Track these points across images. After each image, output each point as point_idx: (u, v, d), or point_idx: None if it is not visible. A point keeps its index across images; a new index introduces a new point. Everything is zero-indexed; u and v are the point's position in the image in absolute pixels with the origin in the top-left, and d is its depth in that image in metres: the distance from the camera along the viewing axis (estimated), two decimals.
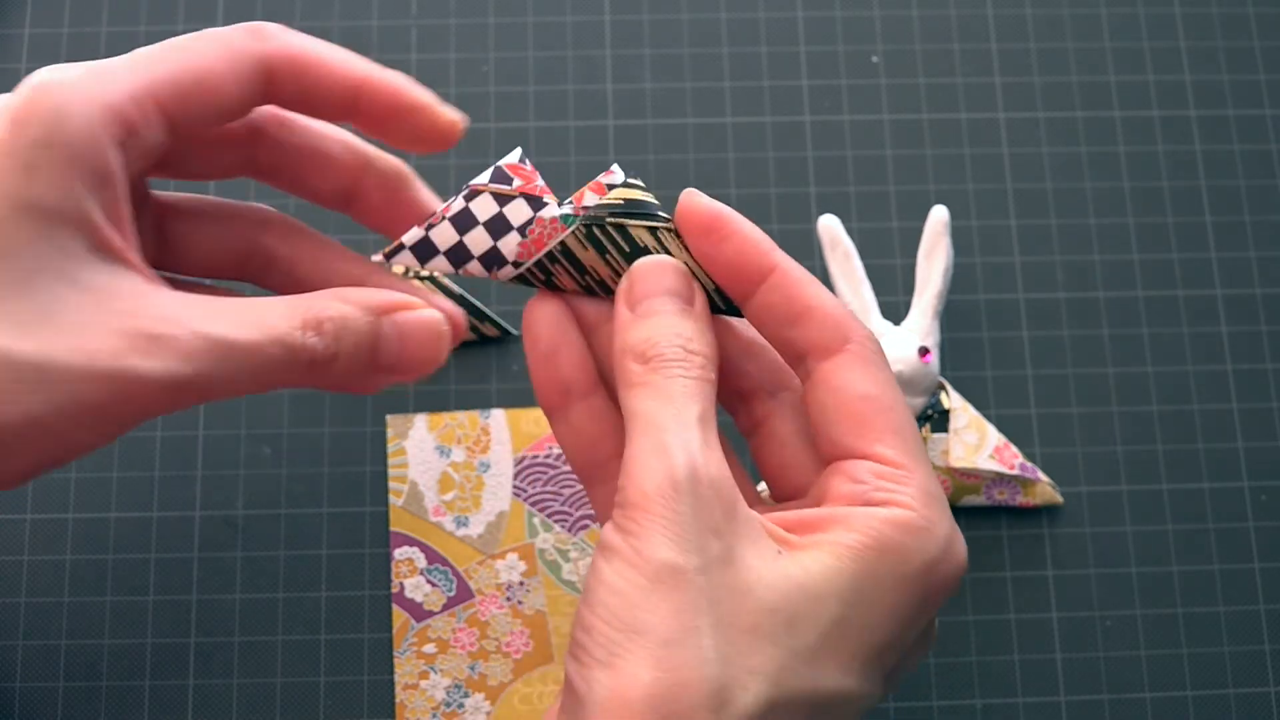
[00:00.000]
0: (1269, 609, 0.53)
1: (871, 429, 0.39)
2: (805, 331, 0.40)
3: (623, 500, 0.37)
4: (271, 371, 0.39)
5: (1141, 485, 0.54)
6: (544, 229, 0.41)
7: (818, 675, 0.36)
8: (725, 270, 0.40)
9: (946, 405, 0.53)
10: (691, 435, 0.37)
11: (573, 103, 0.58)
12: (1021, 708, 0.52)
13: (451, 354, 0.55)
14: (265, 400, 0.54)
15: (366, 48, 0.58)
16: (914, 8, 0.60)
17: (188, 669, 0.51)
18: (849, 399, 0.39)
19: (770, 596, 0.36)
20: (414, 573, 0.52)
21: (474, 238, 0.41)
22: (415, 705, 0.51)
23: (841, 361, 0.39)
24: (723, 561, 0.36)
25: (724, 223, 0.40)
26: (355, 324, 0.40)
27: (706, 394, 0.39)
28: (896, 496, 0.38)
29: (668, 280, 0.40)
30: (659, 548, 0.35)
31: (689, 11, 0.60)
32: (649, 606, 0.35)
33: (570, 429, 0.42)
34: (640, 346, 0.39)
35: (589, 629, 0.35)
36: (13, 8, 0.59)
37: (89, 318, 0.36)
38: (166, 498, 0.53)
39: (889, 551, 0.37)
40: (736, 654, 0.35)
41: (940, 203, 0.55)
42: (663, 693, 0.34)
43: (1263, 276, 0.57)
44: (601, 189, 0.41)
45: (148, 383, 0.36)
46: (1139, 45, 0.60)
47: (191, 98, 0.39)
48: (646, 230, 0.41)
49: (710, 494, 0.36)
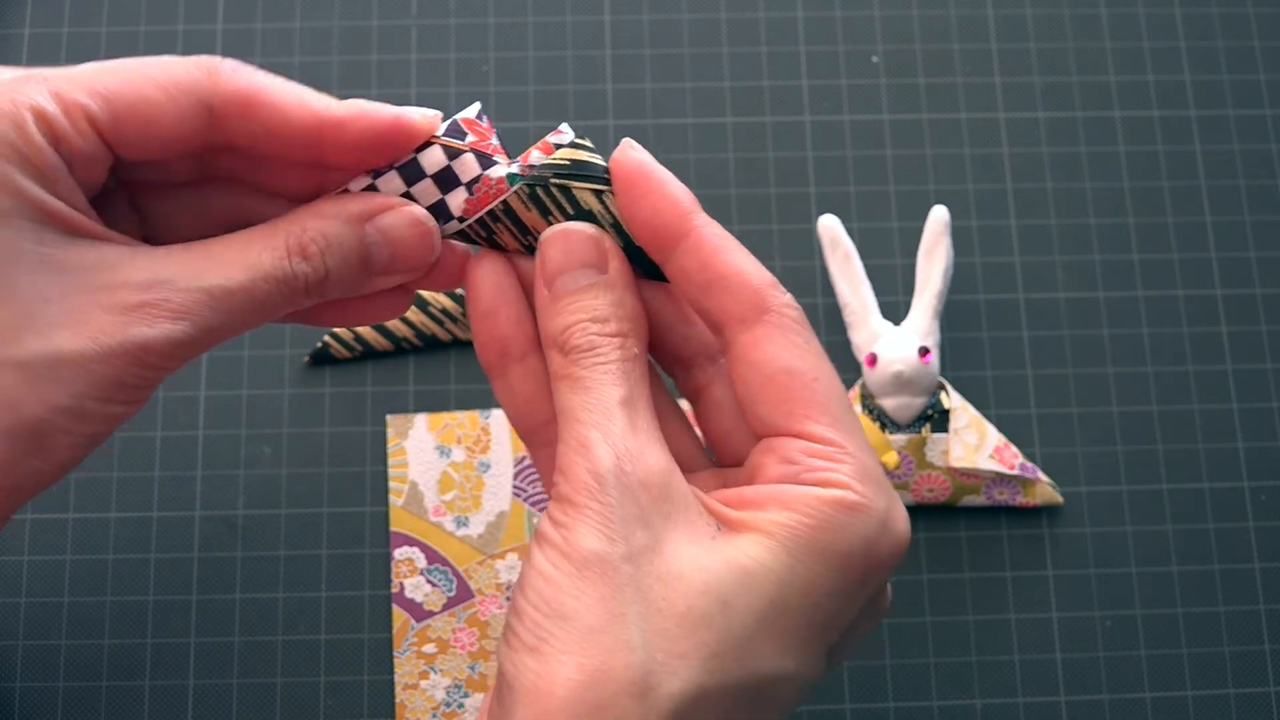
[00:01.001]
0: (1269, 609, 0.53)
1: (798, 405, 0.38)
2: (720, 300, 0.38)
3: (556, 494, 0.37)
4: (269, 305, 0.39)
5: (1141, 485, 0.54)
6: (490, 187, 0.40)
7: (754, 657, 0.35)
8: (643, 229, 0.39)
9: (946, 405, 0.53)
10: (613, 425, 0.37)
11: (573, 103, 0.58)
12: (1021, 708, 0.52)
13: (452, 354, 0.55)
14: (265, 400, 0.54)
15: (366, 48, 0.58)
16: (914, 8, 0.60)
17: (188, 669, 0.51)
18: (771, 373, 0.38)
19: (703, 580, 0.35)
20: (414, 573, 0.52)
21: (421, 190, 0.40)
22: (415, 705, 0.51)
23: (760, 333, 0.38)
24: (651, 550, 0.36)
25: (644, 179, 0.39)
26: (339, 238, 0.40)
27: (629, 371, 0.38)
28: (831, 475, 0.37)
29: (577, 249, 0.39)
30: (586, 538, 0.35)
31: (689, 11, 0.60)
32: (576, 593, 0.35)
33: (508, 389, 0.41)
34: (559, 338, 0.39)
35: (520, 614, 0.36)
36: (13, 8, 0.59)
37: (80, 300, 0.37)
38: (166, 498, 0.53)
39: (826, 531, 0.36)
40: (665, 640, 0.35)
41: (940, 203, 0.55)
42: (585, 679, 0.34)
43: (1263, 276, 0.57)
44: (549, 148, 0.40)
45: (156, 347, 0.37)
46: (1139, 45, 0.60)
47: (126, 119, 0.39)
48: (591, 193, 0.40)
49: (636, 483, 0.36)
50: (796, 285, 0.56)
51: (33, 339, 0.36)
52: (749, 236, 0.56)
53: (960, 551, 0.53)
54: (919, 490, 0.53)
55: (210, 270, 0.38)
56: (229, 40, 0.58)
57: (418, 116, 0.41)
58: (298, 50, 0.58)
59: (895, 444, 0.52)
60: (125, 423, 0.38)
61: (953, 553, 0.53)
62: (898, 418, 0.53)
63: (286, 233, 0.40)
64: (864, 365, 0.53)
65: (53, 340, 0.36)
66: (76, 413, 0.36)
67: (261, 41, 0.58)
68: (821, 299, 0.56)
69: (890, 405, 0.52)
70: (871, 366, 0.52)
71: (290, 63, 0.58)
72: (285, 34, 0.58)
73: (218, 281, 0.38)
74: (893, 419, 0.53)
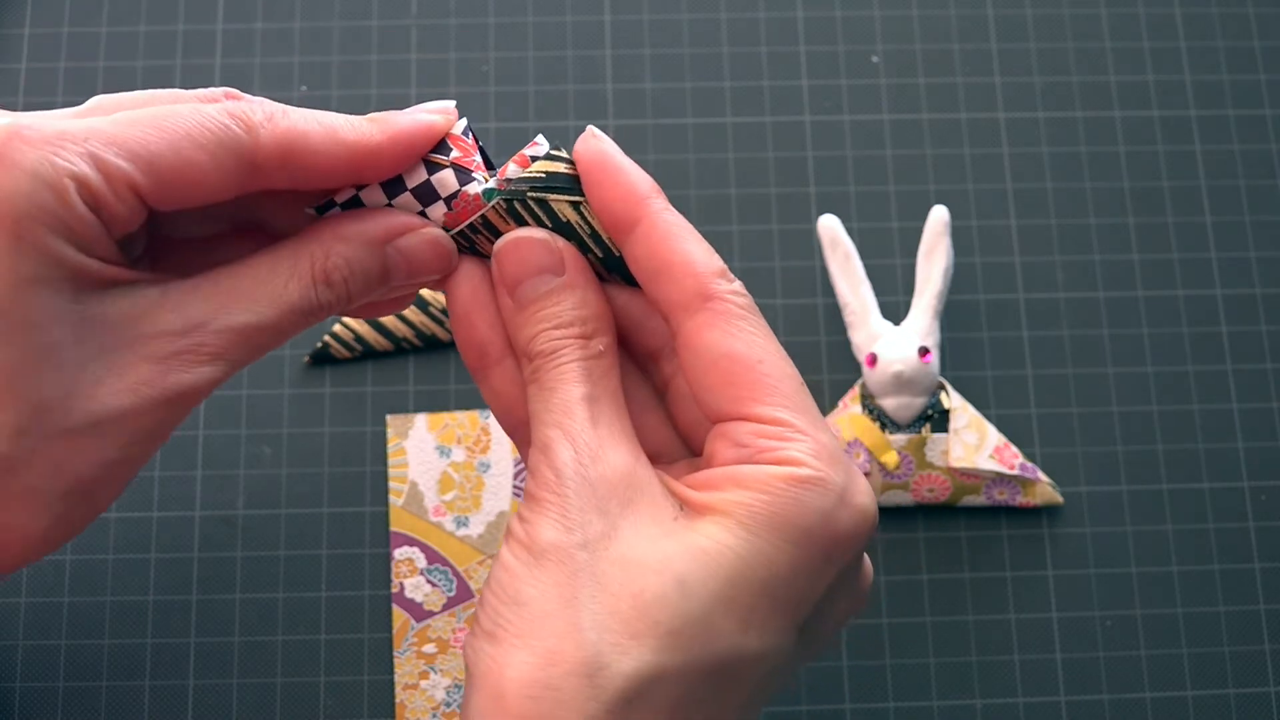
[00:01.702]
0: (1269, 609, 0.53)
1: (744, 389, 0.38)
2: (666, 289, 0.39)
3: (525, 493, 0.38)
4: (294, 331, 0.40)
5: (1141, 485, 0.54)
6: (468, 203, 0.40)
7: (714, 636, 0.36)
8: (604, 217, 0.40)
9: (946, 405, 0.53)
10: (573, 423, 0.38)
11: (573, 103, 0.58)
12: (1021, 708, 0.52)
13: (452, 354, 0.55)
14: (265, 400, 0.54)
15: (366, 48, 0.58)
16: (914, 8, 0.60)
17: (188, 669, 0.51)
18: (715, 360, 0.38)
19: (661, 563, 0.36)
20: (414, 573, 0.52)
21: (402, 202, 0.41)
22: (415, 705, 0.51)
23: (703, 320, 0.38)
24: (607, 536, 0.36)
25: (601, 166, 0.39)
26: (362, 264, 0.40)
27: (591, 369, 0.39)
28: (784, 453, 0.37)
29: (531, 256, 0.40)
30: (545, 529, 0.36)
31: (689, 11, 0.60)
32: (531, 580, 0.36)
33: (491, 391, 0.42)
34: (526, 347, 0.40)
35: (483, 604, 0.37)
36: (13, 8, 0.59)
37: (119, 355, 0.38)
38: (166, 498, 0.53)
39: (781, 506, 0.36)
40: (618, 621, 0.35)
41: (940, 203, 0.55)
42: (536, 661, 0.35)
43: (1263, 276, 0.57)
44: (525, 161, 0.40)
45: (194, 392, 0.38)
46: (1139, 45, 0.60)
47: (169, 186, 0.38)
48: (568, 204, 0.40)
49: (596, 476, 0.37)
50: (797, 285, 0.56)
51: (80, 404, 0.37)
52: (749, 236, 0.56)
53: (960, 551, 0.53)
54: (919, 490, 0.53)
55: (239, 306, 0.39)
56: (229, 40, 0.58)
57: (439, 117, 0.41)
58: (298, 50, 0.58)
59: (895, 444, 0.52)
60: None
61: (953, 553, 0.53)
62: (898, 418, 0.53)
63: (311, 258, 0.40)
64: (864, 365, 0.53)
65: (99, 400, 0.37)
66: (124, 463, 0.38)
67: (261, 41, 0.58)
68: (821, 299, 0.56)
69: (890, 405, 0.52)
70: (871, 366, 0.52)
71: (290, 63, 0.58)
72: (285, 34, 0.58)
73: (248, 320, 0.39)
74: (893, 419, 0.53)
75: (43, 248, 0.36)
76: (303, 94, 0.58)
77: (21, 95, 0.57)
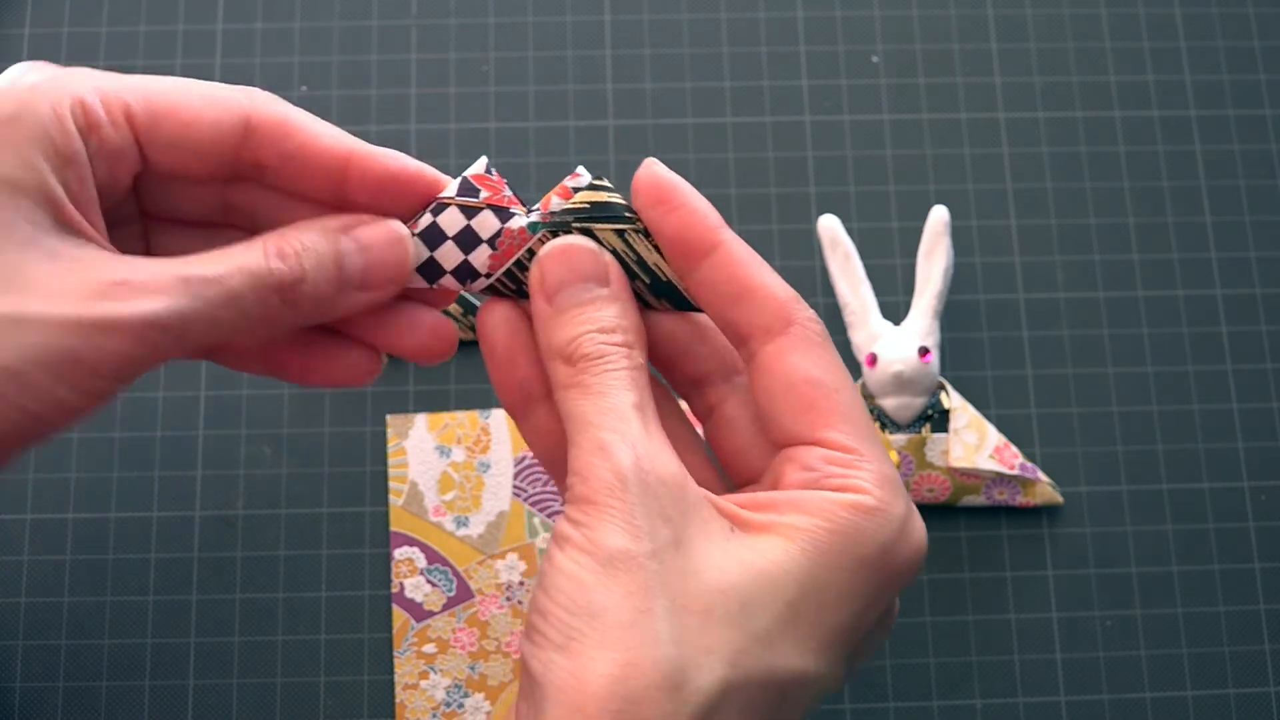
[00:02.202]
0: (1269, 609, 0.53)
1: (819, 414, 0.38)
2: (747, 313, 0.39)
3: (573, 497, 0.37)
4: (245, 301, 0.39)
5: (1141, 485, 0.54)
6: (513, 239, 0.41)
7: (774, 657, 0.36)
8: (671, 242, 0.40)
9: (946, 405, 0.53)
10: (630, 427, 0.37)
11: (573, 103, 0.58)
12: (1021, 708, 0.52)
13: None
14: (265, 400, 0.54)
15: (366, 48, 0.58)
16: (914, 8, 0.60)
17: (188, 669, 0.51)
18: (794, 383, 0.39)
19: (723, 579, 0.36)
20: (414, 573, 0.52)
21: (445, 253, 0.41)
22: (415, 705, 0.51)
23: (784, 344, 0.39)
24: (673, 546, 0.36)
25: (672, 193, 0.40)
26: (317, 244, 0.41)
27: (637, 380, 0.39)
28: (850, 481, 0.37)
29: (577, 263, 0.40)
30: (610, 535, 0.36)
31: (689, 11, 0.60)
32: (603, 590, 0.35)
33: (534, 429, 0.42)
34: (565, 349, 0.39)
35: (544, 613, 0.36)
36: (13, 8, 0.59)
37: (58, 280, 0.36)
38: (166, 498, 0.53)
39: (843, 534, 0.37)
40: (691, 636, 0.35)
41: (940, 203, 0.55)
42: (618, 674, 0.34)
43: (1263, 276, 0.57)
44: (567, 193, 0.41)
45: (121, 326, 0.36)
46: (1139, 45, 0.60)
47: (164, 120, 0.40)
48: (614, 233, 0.41)
49: (655, 481, 0.37)
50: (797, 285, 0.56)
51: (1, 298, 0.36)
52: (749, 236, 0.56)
53: (960, 551, 0.53)
54: (919, 490, 0.53)
55: (192, 262, 0.39)
56: (229, 40, 0.58)
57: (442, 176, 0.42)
58: (298, 50, 0.58)
59: (895, 444, 0.52)
60: (71, 426, 0.37)
61: (953, 553, 0.53)
62: (898, 418, 0.53)
63: (266, 239, 0.40)
64: (864, 365, 0.53)
65: (19, 303, 0.36)
66: (20, 377, 0.35)
67: (261, 41, 0.58)
68: (821, 299, 0.56)
69: (890, 405, 0.52)
70: (871, 366, 0.52)
71: (290, 63, 0.58)
72: (285, 34, 0.58)
73: (194, 270, 0.38)
74: (893, 419, 0.53)
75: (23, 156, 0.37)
76: (303, 94, 0.58)
77: None
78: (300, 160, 0.41)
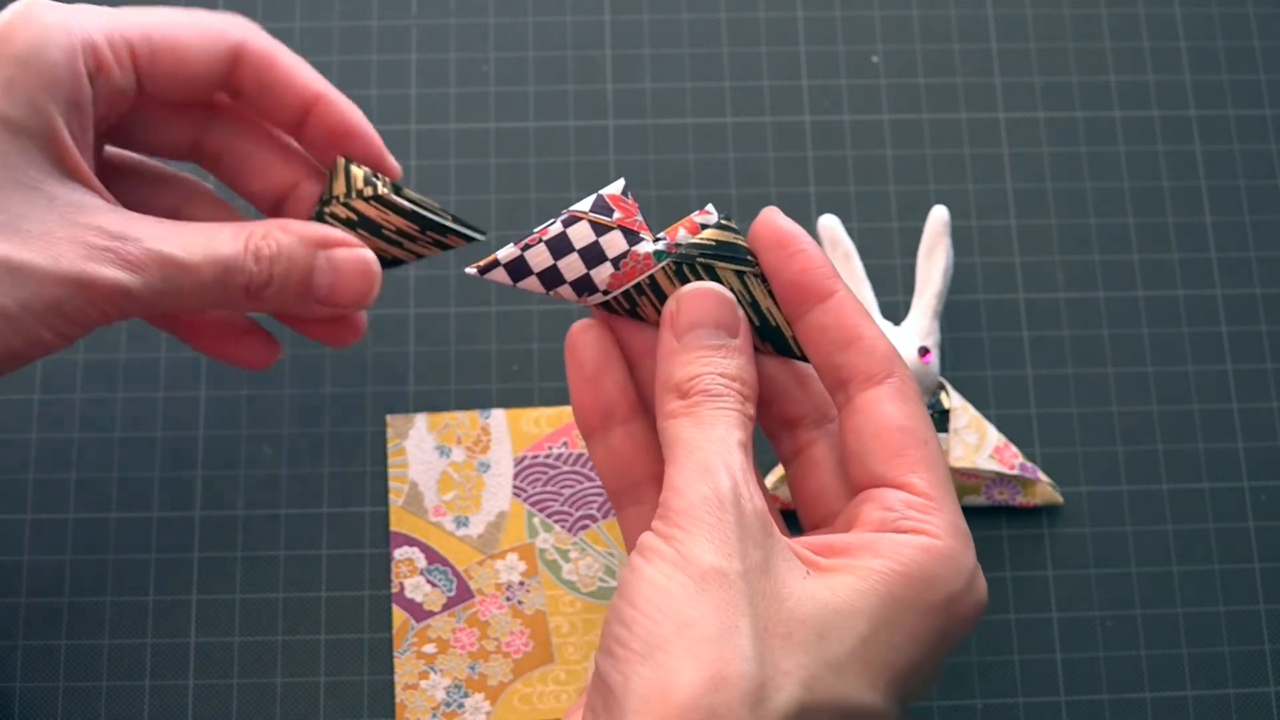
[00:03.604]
0: (1269, 609, 0.53)
1: (905, 460, 0.40)
2: (853, 358, 0.41)
3: (665, 512, 0.38)
4: (211, 290, 0.43)
5: (1141, 485, 0.54)
6: (637, 263, 0.42)
7: (846, 688, 0.37)
8: (789, 286, 0.41)
9: (946, 405, 0.53)
10: (734, 458, 0.39)
11: (573, 103, 0.58)
12: (1021, 708, 0.52)
13: (452, 354, 0.55)
14: (265, 400, 0.54)
15: (366, 48, 0.59)
16: (914, 8, 0.60)
17: (188, 669, 0.51)
18: (887, 428, 0.40)
19: (801, 609, 0.37)
20: (414, 573, 0.52)
21: (568, 263, 0.42)
22: (415, 705, 0.51)
23: (884, 392, 0.40)
24: (761, 570, 0.37)
25: (795, 240, 0.42)
26: (292, 253, 0.45)
27: (745, 426, 0.40)
28: (925, 526, 0.39)
29: (714, 310, 0.41)
30: (704, 551, 0.37)
31: (689, 11, 0.60)
32: (693, 604, 0.36)
33: (608, 451, 0.43)
34: (684, 384, 0.40)
35: (629, 624, 0.36)
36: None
37: (56, 227, 0.41)
38: (166, 498, 0.53)
39: (915, 578, 0.38)
40: (772, 656, 0.36)
41: (940, 203, 0.55)
42: (704, 685, 0.35)
43: (1263, 276, 0.57)
44: (695, 228, 0.42)
45: (102, 288, 0.41)
46: (1139, 45, 0.60)
47: (162, 54, 0.44)
48: (733, 273, 0.42)
49: (750, 509, 0.38)
50: None
51: (5, 243, 0.40)
52: None
53: None
54: None
55: (174, 241, 0.43)
56: None
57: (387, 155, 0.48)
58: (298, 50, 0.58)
59: None
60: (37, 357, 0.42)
61: None
62: None
63: (250, 233, 0.44)
64: None
65: (20, 250, 0.40)
66: (11, 319, 0.40)
67: None
68: None
69: None
70: None
71: None
72: (285, 34, 0.58)
73: (174, 252, 0.42)
74: None
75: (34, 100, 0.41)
76: None
77: None
78: (277, 91, 0.46)
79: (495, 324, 0.55)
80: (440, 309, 0.55)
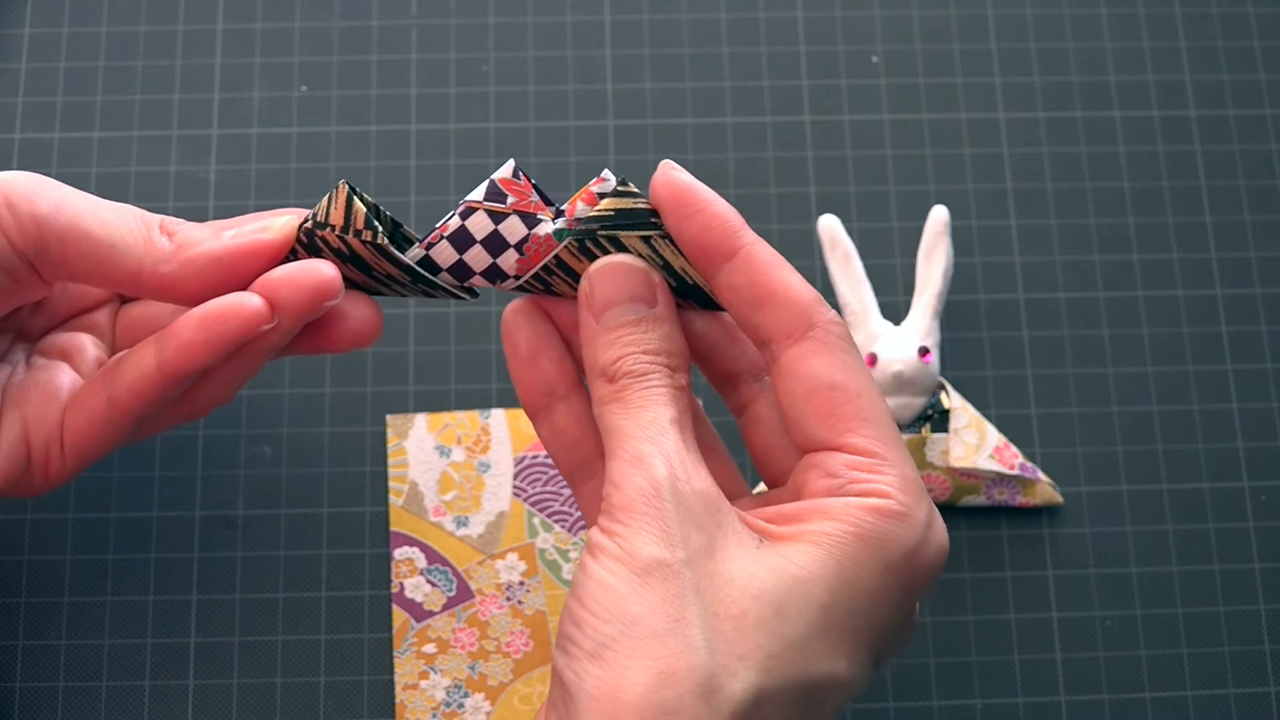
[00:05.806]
0: (1269, 609, 0.53)
1: (841, 419, 0.38)
2: (768, 316, 0.39)
3: (608, 507, 0.38)
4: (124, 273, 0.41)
5: (1141, 485, 0.54)
6: (540, 245, 0.41)
7: (808, 661, 0.36)
8: (691, 247, 0.40)
9: (946, 405, 0.53)
10: (666, 441, 0.38)
11: (573, 103, 0.58)
12: (1021, 708, 0.52)
13: (452, 354, 0.55)
14: (265, 400, 0.54)
15: (366, 48, 0.58)
16: (914, 8, 0.60)
17: (188, 669, 0.51)
18: (815, 388, 0.39)
19: (755, 585, 0.36)
20: (414, 573, 0.52)
21: (473, 255, 0.41)
22: (415, 705, 0.51)
23: (807, 348, 0.39)
24: (706, 553, 0.36)
25: (692, 197, 0.40)
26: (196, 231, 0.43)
27: (676, 398, 0.39)
28: (873, 485, 0.38)
29: (626, 284, 0.40)
30: (645, 544, 0.36)
31: (689, 11, 0.60)
32: (638, 599, 0.36)
33: (553, 430, 0.43)
34: (609, 368, 0.40)
35: (579, 623, 0.36)
36: (12, 7, 0.59)
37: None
38: (166, 498, 0.53)
39: (869, 539, 0.37)
40: (725, 642, 0.35)
41: (940, 203, 0.55)
42: (653, 681, 0.34)
43: (1263, 276, 0.57)
44: (593, 198, 0.41)
45: None
46: (1139, 45, 0.60)
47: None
48: (639, 239, 0.41)
49: (689, 493, 0.37)
50: None
51: None
52: None
53: (960, 551, 0.53)
54: None
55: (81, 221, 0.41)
56: (229, 40, 0.58)
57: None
58: (298, 50, 0.58)
59: None
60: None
61: (953, 553, 0.53)
62: (898, 418, 0.53)
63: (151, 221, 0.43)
64: None
65: None
66: None
67: (261, 41, 0.58)
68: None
69: (890, 405, 0.52)
70: (871, 366, 0.52)
71: (290, 63, 0.58)
72: (285, 34, 0.58)
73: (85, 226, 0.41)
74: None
75: None
76: (303, 94, 0.58)
77: (21, 95, 0.57)
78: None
79: (495, 324, 0.55)
80: (440, 309, 0.55)
